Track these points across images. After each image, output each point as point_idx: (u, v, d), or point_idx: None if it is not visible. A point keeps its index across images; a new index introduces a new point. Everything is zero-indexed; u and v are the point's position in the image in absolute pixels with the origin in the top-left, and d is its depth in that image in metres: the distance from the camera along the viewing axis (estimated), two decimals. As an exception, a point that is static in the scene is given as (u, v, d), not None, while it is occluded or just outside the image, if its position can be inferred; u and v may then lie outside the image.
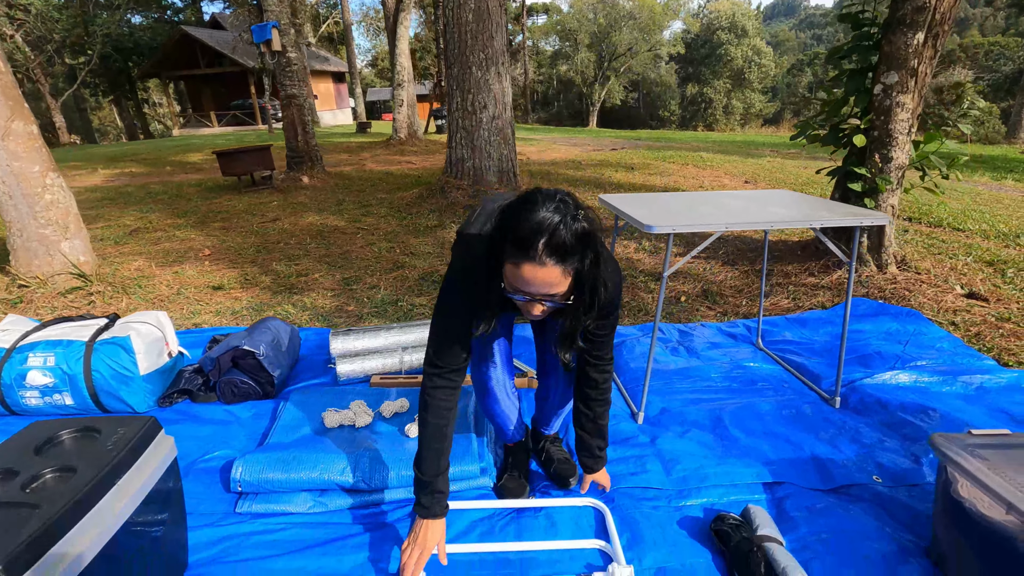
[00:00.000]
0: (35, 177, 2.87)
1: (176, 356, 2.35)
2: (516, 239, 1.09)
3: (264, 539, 1.58)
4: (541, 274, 1.10)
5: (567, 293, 1.18)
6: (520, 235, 1.08)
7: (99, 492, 1.17)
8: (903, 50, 2.97)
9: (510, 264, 1.12)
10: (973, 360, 2.53)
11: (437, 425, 1.40)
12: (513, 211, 1.12)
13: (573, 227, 1.09)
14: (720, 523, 1.56)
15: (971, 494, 1.38)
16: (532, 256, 1.08)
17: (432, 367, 1.39)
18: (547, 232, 1.07)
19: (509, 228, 1.11)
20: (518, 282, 1.14)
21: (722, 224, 1.97)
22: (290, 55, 7.02)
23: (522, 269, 1.10)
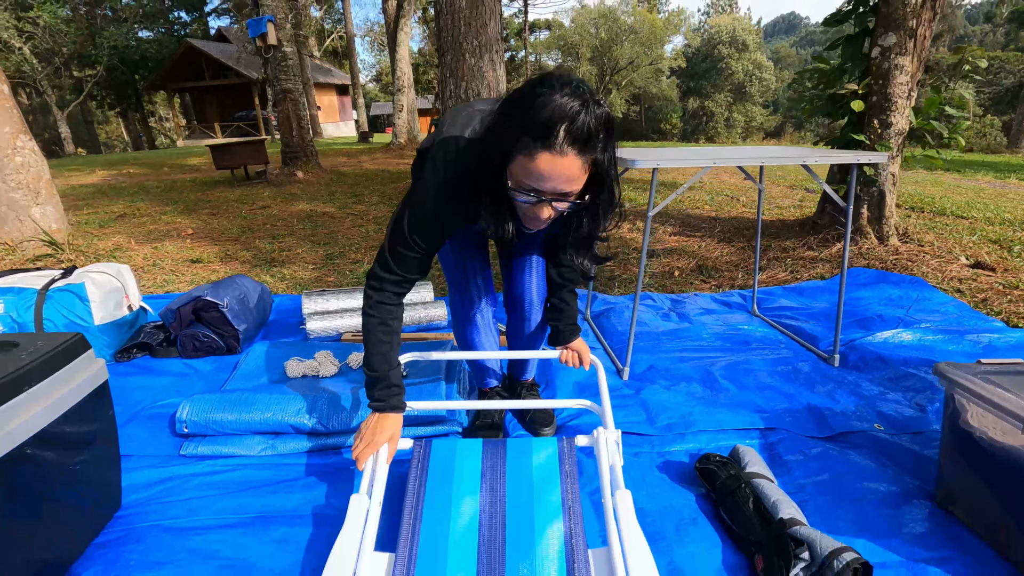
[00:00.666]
0: (5, 138, 2.78)
1: (137, 311, 2.24)
2: (532, 127, 0.95)
3: (208, 480, 1.45)
4: (561, 166, 0.97)
5: (581, 192, 1.07)
6: (537, 122, 0.95)
7: (4, 394, 1.05)
8: (900, 10, 2.88)
9: (522, 157, 0.99)
10: (980, 321, 2.39)
11: (384, 326, 1.27)
12: (524, 98, 0.98)
13: (596, 112, 0.97)
14: (706, 462, 1.42)
15: (982, 422, 1.25)
16: (551, 145, 0.95)
17: (381, 276, 1.24)
18: (568, 118, 0.94)
19: (521, 116, 0.97)
20: (530, 178, 1.00)
21: (709, 160, 1.87)
22: (285, 49, 7.01)
23: (538, 161, 0.97)
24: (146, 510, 1.35)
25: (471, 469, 1.28)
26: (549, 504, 1.19)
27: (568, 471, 1.28)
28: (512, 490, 1.23)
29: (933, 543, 1.22)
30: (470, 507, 1.19)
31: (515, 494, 1.22)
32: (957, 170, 9.34)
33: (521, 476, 1.26)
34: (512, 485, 1.24)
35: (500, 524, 1.15)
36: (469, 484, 1.24)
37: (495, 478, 1.26)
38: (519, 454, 1.32)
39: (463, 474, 1.27)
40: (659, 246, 3.74)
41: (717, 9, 41.92)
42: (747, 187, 6.22)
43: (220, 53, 23.57)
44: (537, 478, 1.26)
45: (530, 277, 1.53)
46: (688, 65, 37.18)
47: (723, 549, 1.21)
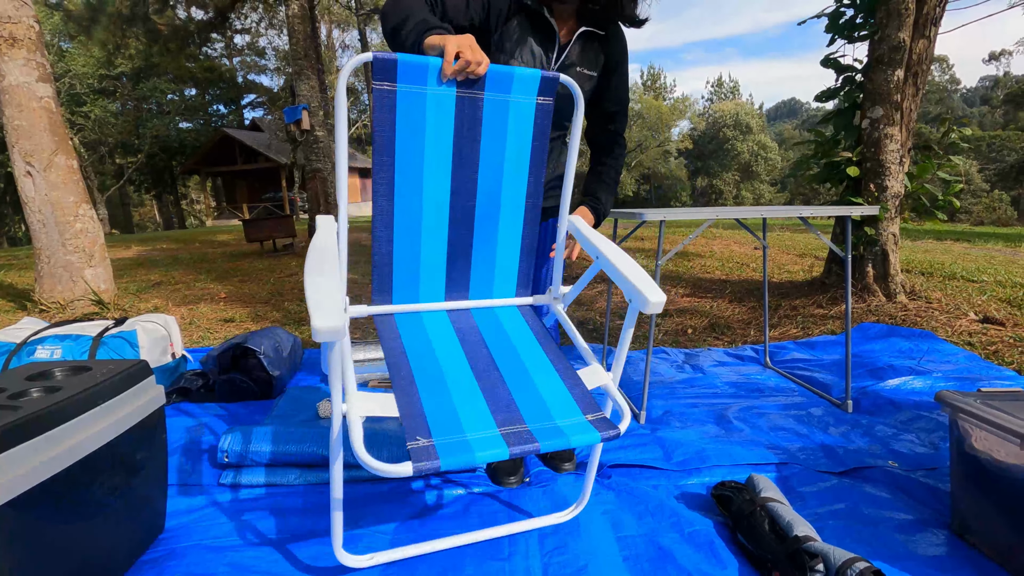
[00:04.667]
0: (69, 207, 3.08)
1: (179, 359, 2.38)
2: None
3: (246, 505, 1.53)
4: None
5: None
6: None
7: (80, 407, 1.18)
8: (885, 86, 3.14)
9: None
10: (992, 371, 2.43)
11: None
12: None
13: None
14: (721, 488, 1.47)
15: (986, 444, 1.31)
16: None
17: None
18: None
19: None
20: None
21: (712, 214, 2.03)
22: (317, 133, 7.58)
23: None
24: (188, 532, 1.43)
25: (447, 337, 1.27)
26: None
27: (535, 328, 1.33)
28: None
29: (949, 564, 1.24)
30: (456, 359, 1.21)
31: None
32: (967, 239, 9.46)
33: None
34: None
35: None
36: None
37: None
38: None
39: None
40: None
41: (720, 96, 44.20)
42: (756, 255, 6.38)
43: (252, 140, 25.22)
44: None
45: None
46: (695, 146, 38.73)
47: (740, 570, 1.25)
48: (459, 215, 1.22)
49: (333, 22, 28.64)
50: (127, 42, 21.97)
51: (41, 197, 3.01)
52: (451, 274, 1.26)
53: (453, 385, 1.10)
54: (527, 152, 1.22)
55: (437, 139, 1.15)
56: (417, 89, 1.10)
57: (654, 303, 0.99)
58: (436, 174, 1.18)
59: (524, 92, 1.19)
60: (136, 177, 28.77)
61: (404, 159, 1.15)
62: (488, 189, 1.23)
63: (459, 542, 1.32)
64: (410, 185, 1.17)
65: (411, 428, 0.98)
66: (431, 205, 1.19)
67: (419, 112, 1.12)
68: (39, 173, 3.00)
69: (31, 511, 1.03)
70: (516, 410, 1.03)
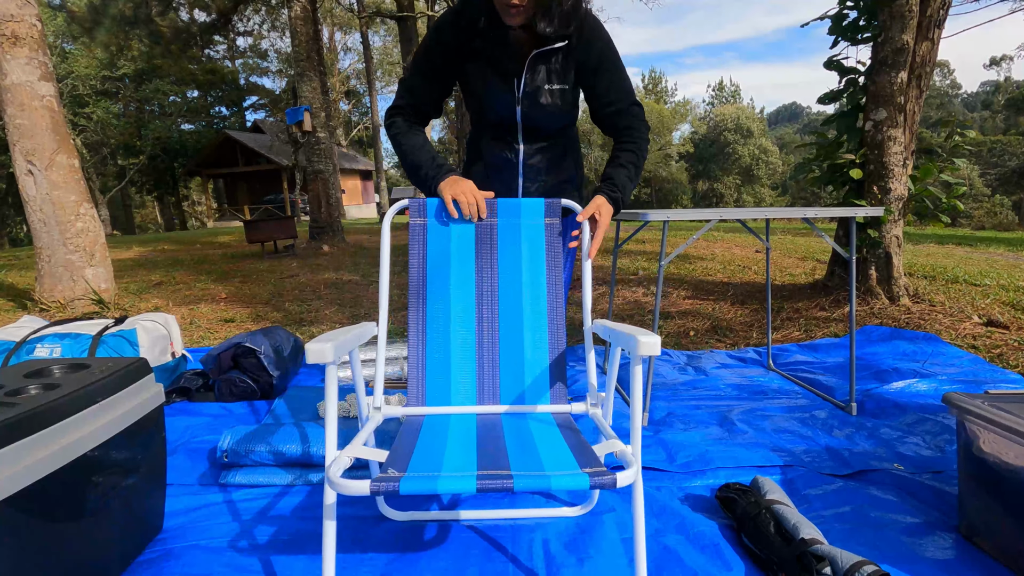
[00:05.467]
0: (70, 206, 3.07)
1: (179, 358, 2.37)
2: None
3: (244, 506, 1.52)
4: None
5: None
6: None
7: (78, 404, 1.16)
8: (888, 88, 3.13)
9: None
10: (997, 374, 2.41)
11: (407, 135, 1.45)
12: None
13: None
14: (726, 491, 1.45)
15: (994, 447, 1.29)
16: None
17: (392, 105, 1.48)
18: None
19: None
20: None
21: (715, 215, 2.02)
22: (319, 135, 7.59)
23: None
24: (185, 532, 1.41)
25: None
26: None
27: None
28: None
29: (957, 568, 1.22)
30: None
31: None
32: (969, 244, 9.44)
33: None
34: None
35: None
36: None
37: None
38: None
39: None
40: (673, 308, 3.84)
41: (721, 99, 44.26)
42: (758, 258, 6.37)
43: (254, 142, 25.25)
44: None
45: None
46: (696, 150, 38.77)
47: (746, 571, 1.23)
48: (485, 325, 1.35)
49: (335, 25, 28.72)
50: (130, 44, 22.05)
51: (42, 196, 3.01)
52: (481, 379, 1.33)
53: (452, 445, 1.10)
54: (542, 268, 1.38)
55: (461, 260, 1.37)
56: (441, 221, 1.38)
57: (646, 344, 0.99)
58: (461, 289, 1.36)
59: (532, 216, 1.39)
60: (138, 179, 28.80)
61: (434, 271, 1.36)
62: (510, 300, 1.36)
63: (468, 516, 1.38)
64: (439, 299, 1.35)
65: (390, 462, 1.00)
66: (458, 317, 1.35)
67: (445, 239, 1.37)
68: (40, 172, 2.99)
69: (26, 509, 1.01)
70: (504, 459, 0.99)
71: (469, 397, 1.31)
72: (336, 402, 1.03)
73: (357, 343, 1.14)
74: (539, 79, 1.44)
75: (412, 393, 1.31)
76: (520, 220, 1.40)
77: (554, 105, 1.47)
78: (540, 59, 1.42)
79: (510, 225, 1.39)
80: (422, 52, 1.47)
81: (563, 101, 1.48)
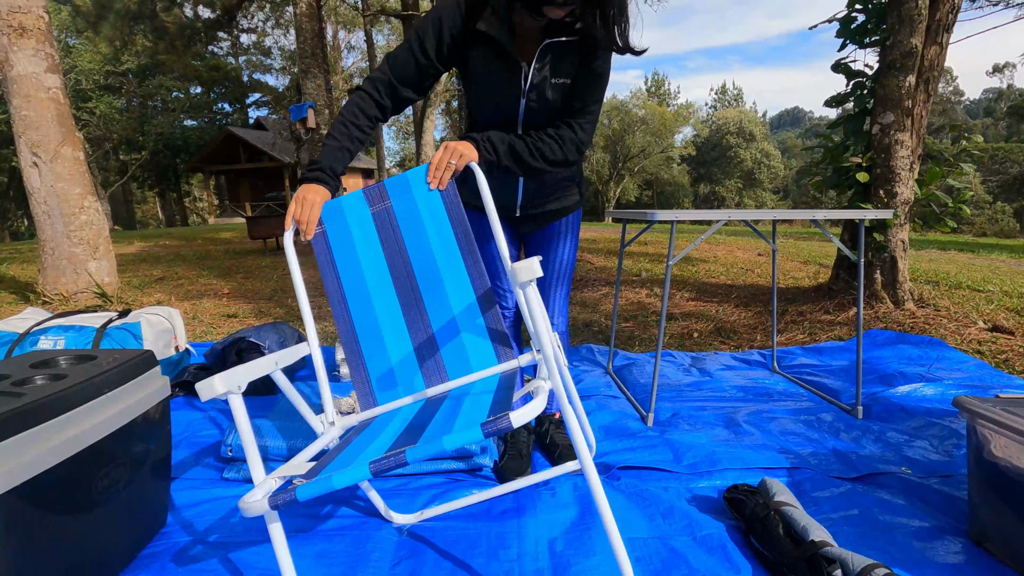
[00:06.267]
0: (75, 198, 3.06)
1: (183, 352, 2.36)
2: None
3: (248, 501, 1.50)
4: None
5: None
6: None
7: (85, 395, 1.15)
8: (896, 92, 3.13)
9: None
10: (1003, 379, 2.40)
11: (351, 119, 1.36)
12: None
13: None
14: (734, 492, 1.45)
15: (1006, 452, 1.28)
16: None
17: (369, 77, 1.39)
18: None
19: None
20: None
21: (724, 216, 2.01)
22: (323, 132, 7.58)
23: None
24: (190, 526, 1.40)
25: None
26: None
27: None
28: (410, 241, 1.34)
29: (968, 572, 1.22)
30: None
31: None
32: (971, 250, 9.43)
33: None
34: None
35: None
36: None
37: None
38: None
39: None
40: (677, 310, 3.84)
41: (724, 103, 44.27)
42: (760, 261, 6.36)
43: (256, 139, 25.24)
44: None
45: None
46: (698, 153, 38.78)
47: (754, 573, 1.22)
48: (411, 309, 1.32)
49: (339, 23, 28.72)
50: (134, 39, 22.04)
51: (47, 188, 3.00)
52: (424, 362, 1.30)
53: (379, 440, 1.05)
54: (449, 232, 1.32)
55: (369, 254, 1.33)
56: (338, 221, 1.34)
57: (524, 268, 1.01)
58: (377, 277, 1.32)
59: (422, 187, 1.33)
60: (140, 174, 28.81)
61: (347, 274, 1.33)
62: (428, 276, 1.32)
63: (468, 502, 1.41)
64: (359, 294, 1.32)
65: (309, 471, 0.97)
66: (383, 310, 1.32)
67: (347, 240, 1.34)
68: (45, 164, 2.98)
69: (33, 500, 1.01)
70: (417, 436, 0.97)
71: (417, 384, 1.28)
72: (250, 432, 1.00)
73: (249, 377, 1.06)
74: (546, 71, 1.39)
75: (361, 398, 1.29)
76: (413, 194, 1.33)
77: (557, 100, 1.42)
78: (549, 50, 1.37)
79: (404, 202, 1.33)
80: (417, 31, 1.38)
81: (565, 96, 1.43)
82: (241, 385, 1.00)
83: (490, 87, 1.42)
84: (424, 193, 1.33)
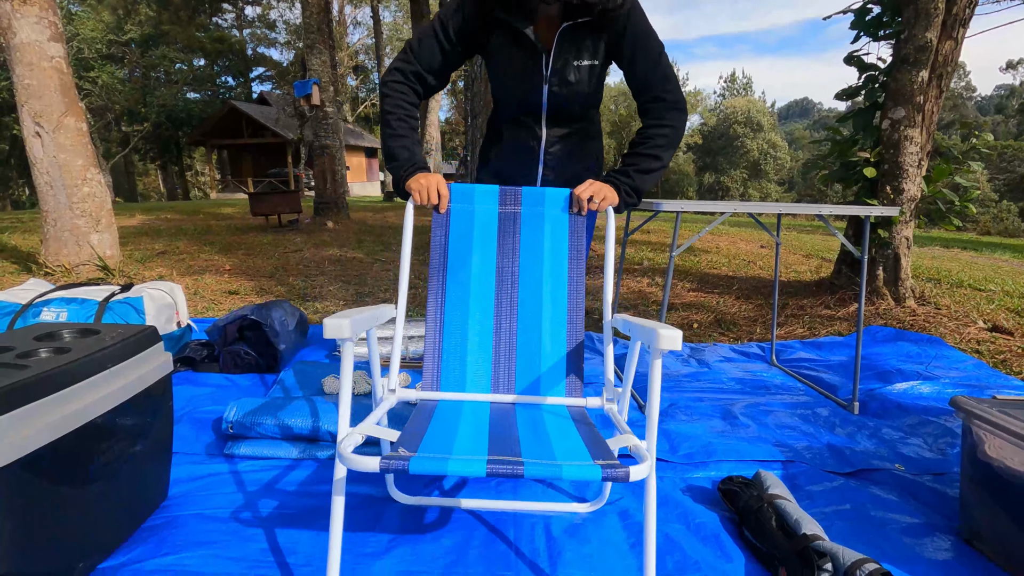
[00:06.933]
0: (77, 170, 3.04)
1: (184, 328, 2.37)
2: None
3: (249, 477, 1.53)
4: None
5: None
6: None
7: (89, 369, 1.16)
8: (908, 87, 3.09)
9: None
10: (1000, 379, 2.41)
11: (403, 116, 1.38)
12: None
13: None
14: (728, 483, 1.46)
15: (1001, 453, 1.29)
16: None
17: (393, 67, 1.40)
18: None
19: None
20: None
21: (729, 208, 2.00)
22: (327, 109, 7.51)
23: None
24: (190, 501, 1.42)
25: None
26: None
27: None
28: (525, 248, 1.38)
29: (958, 569, 1.23)
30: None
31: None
32: (974, 248, 9.41)
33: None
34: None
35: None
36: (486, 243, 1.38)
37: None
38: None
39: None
40: (677, 300, 3.84)
41: (732, 92, 43.80)
42: (763, 253, 6.35)
43: (260, 114, 25.02)
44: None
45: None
46: (704, 142, 38.46)
47: (746, 564, 1.24)
48: (504, 313, 1.35)
49: (346, -2, 28.30)
50: (137, 8, 21.74)
51: (49, 159, 2.97)
52: (497, 367, 1.32)
53: (463, 430, 1.09)
54: (564, 259, 1.37)
55: (483, 247, 1.36)
56: (466, 207, 1.37)
57: (667, 337, 0.98)
58: (482, 277, 1.35)
59: (556, 206, 1.38)
60: (142, 146, 28.62)
61: (455, 258, 1.35)
62: (530, 290, 1.35)
63: (474, 505, 1.39)
64: (459, 285, 1.35)
65: (401, 441, 1.00)
66: (477, 304, 1.34)
67: (468, 225, 1.37)
68: (48, 134, 2.96)
69: (36, 471, 1.02)
70: (516, 446, 0.99)
71: (484, 385, 1.30)
72: (351, 379, 1.03)
73: (375, 323, 1.14)
74: (569, 54, 1.38)
75: (427, 378, 1.30)
76: (544, 210, 1.38)
77: (582, 82, 1.41)
78: (569, 32, 1.36)
79: (533, 214, 1.38)
80: (440, 17, 1.39)
81: (591, 78, 1.41)
82: (359, 333, 1.03)
83: (512, 74, 1.42)
84: (555, 213, 1.38)
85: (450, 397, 1.29)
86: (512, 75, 1.42)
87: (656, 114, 1.41)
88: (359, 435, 1.00)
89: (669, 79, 1.41)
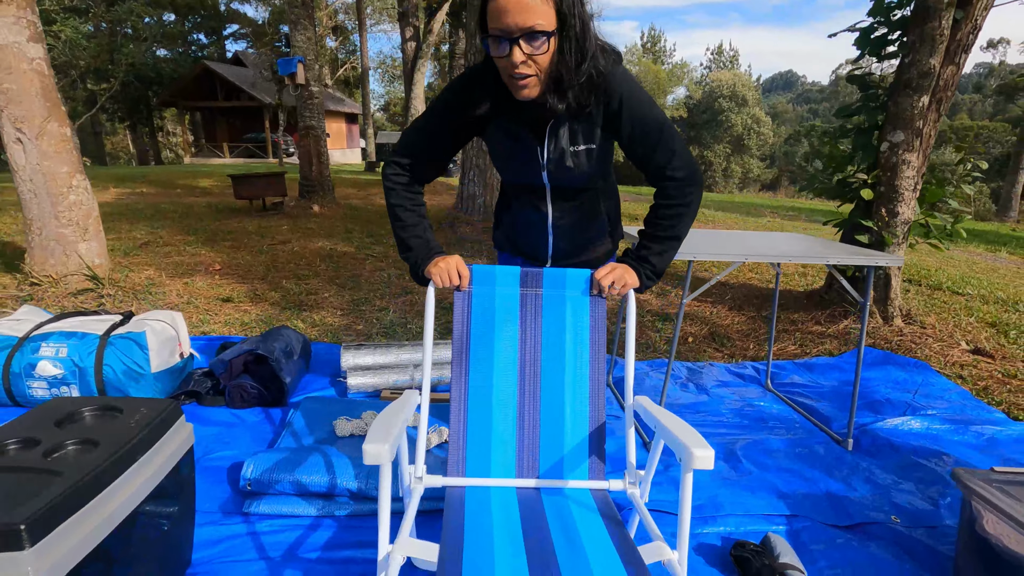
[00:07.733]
0: (62, 177, 2.92)
1: (187, 358, 2.33)
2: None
3: (271, 539, 1.54)
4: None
5: (550, 32, 1.12)
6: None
7: (121, 466, 1.15)
8: (909, 111, 3.12)
9: (487, 4, 1.11)
10: (983, 412, 2.53)
11: (410, 207, 1.39)
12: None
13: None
14: (740, 550, 1.53)
15: (998, 530, 1.37)
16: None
17: (389, 161, 1.40)
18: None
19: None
20: (494, 20, 1.09)
21: (741, 255, 2.02)
22: (312, 89, 7.26)
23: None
24: (215, 566, 1.44)
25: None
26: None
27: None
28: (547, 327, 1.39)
29: (952, 643, 1.32)
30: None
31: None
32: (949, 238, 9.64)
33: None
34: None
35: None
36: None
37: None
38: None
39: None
40: (672, 310, 3.89)
41: (719, 64, 43.42)
42: (751, 249, 6.43)
43: (235, 76, 24.07)
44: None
45: None
46: (689, 115, 38.25)
47: (760, 638, 1.31)
48: (527, 397, 1.36)
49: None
50: (102, -41, 20.45)
51: (32, 166, 2.84)
52: (521, 452, 1.34)
53: (499, 538, 1.10)
54: (586, 341, 1.38)
55: (505, 329, 1.37)
56: (487, 290, 1.39)
57: (701, 458, 0.99)
58: (505, 353, 1.36)
59: (577, 288, 1.39)
60: (109, 106, 27.35)
61: (478, 339, 1.36)
62: (552, 373, 1.36)
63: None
64: (483, 362, 1.36)
65: (443, 568, 0.99)
66: (500, 388, 1.35)
67: (489, 307, 1.38)
68: (30, 141, 2.82)
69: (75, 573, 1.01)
70: (555, 566, 1.01)
71: (508, 469, 1.32)
72: (389, 501, 1.04)
73: (405, 424, 1.14)
74: (563, 143, 1.33)
75: (453, 463, 1.32)
76: (565, 292, 1.39)
77: (581, 166, 1.36)
78: (560, 124, 1.31)
79: (555, 296, 1.39)
80: (432, 111, 1.35)
81: (590, 160, 1.37)
82: (394, 451, 1.02)
83: (510, 162, 1.41)
84: (576, 296, 1.39)
85: (476, 483, 1.31)
86: (511, 163, 1.41)
87: (669, 193, 1.35)
88: (400, 555, 1.02)
89: (677, 154, 1.32)
